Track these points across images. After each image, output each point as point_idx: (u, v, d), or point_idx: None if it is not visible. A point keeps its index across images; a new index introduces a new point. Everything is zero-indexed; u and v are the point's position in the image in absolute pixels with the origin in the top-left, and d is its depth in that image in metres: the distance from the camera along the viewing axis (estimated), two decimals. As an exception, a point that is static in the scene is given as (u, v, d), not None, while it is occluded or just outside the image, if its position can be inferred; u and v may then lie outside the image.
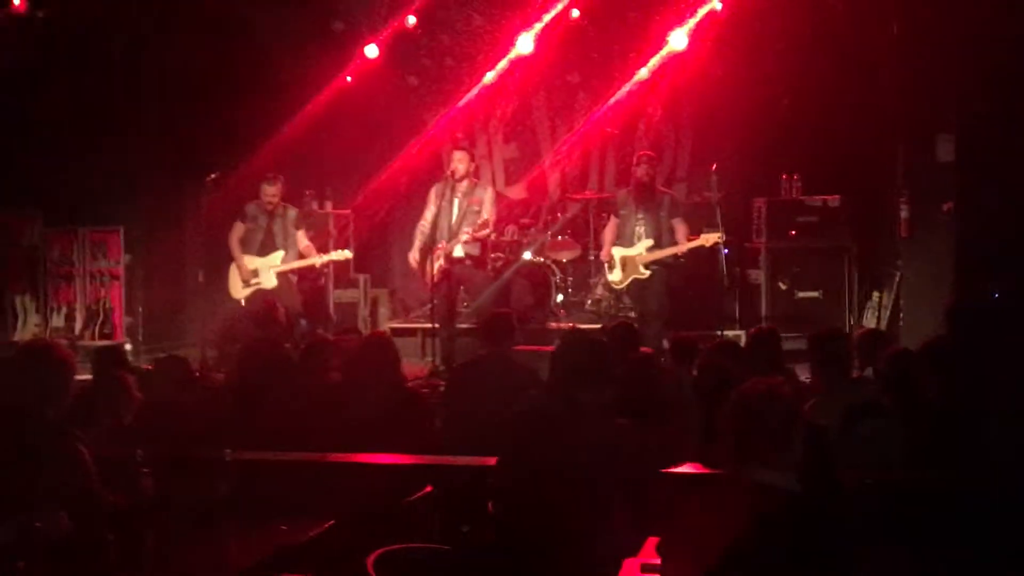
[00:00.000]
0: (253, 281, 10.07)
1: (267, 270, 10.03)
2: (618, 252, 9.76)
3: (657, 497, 4.14)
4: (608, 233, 9.96)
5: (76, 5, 10.56)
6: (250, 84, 11.36)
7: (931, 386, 5.39)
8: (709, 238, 9.60)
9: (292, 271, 10.16)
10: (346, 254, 10.40)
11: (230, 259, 10.37)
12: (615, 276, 9.87)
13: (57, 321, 11.55)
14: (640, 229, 9.70)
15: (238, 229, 10.17)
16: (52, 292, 11.61)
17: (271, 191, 10.07)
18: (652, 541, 3.75)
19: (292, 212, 10.24)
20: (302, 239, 10.16)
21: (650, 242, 9.64)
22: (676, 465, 4.79)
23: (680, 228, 9.67)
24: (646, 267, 9.64)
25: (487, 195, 9.81)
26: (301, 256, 10.09)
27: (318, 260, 10.15)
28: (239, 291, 10.14)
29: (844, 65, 10.71)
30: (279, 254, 10.05)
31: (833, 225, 10.94)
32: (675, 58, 11.21)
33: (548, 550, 3.48)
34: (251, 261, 10.07)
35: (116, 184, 11.13)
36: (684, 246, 9.58)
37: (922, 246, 10.00)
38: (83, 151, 11.05)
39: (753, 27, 10.87)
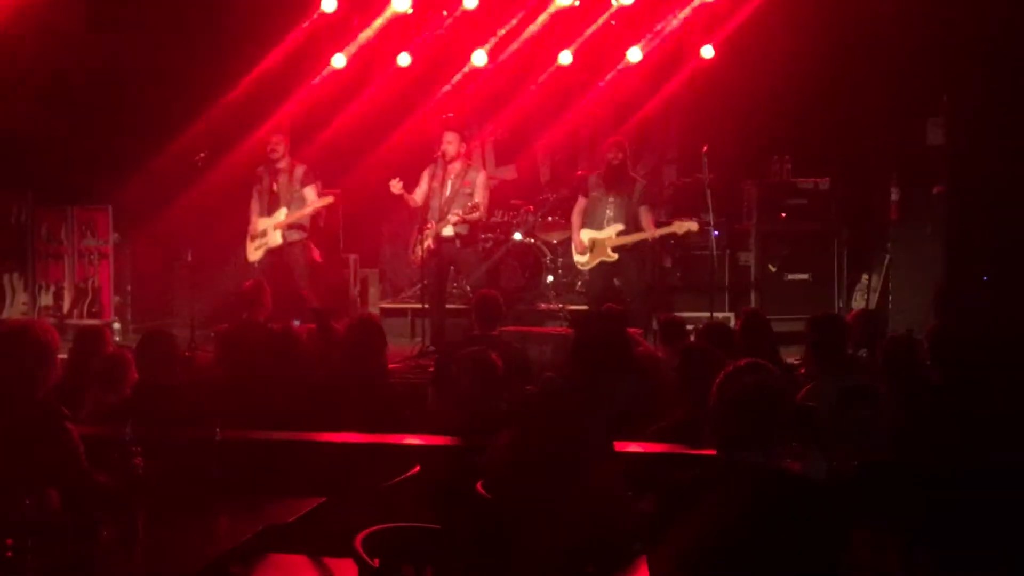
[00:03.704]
0: (260, 241, 10.09)
1: (272, 228, 10.06)
2: (587, 234, 9.77)
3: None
4: (576, 216, 9.95)
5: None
6: (241, 63, 11.30)
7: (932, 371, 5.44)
8: (682, 226, 9.60)
9: (294, 226, 10.07)
10: (328, 200, 10.27)
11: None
12: (582, 258, 9.88)
13: (45, 300, 11.52)
14: (610, 213, 9.70)
15: (254, 194, 10.22)
16: (40, 270, 11.58)
17: (274, 141, 10.09)
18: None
19: (300, 170, 10.17)
20: (310, 194, 10.10)
21: (620, 226, 9.64)
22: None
23: (646, 215, 9.68)
24: (614, 250, 9.64)
25: (479, 178, 9.80)
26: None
27: (308, 210, 10.10)
28: (252, 254, 10.19)
29: (835, 48, 10.70)
30: (282, 211, 10.03)
31: (823, 207, 10.94)
32: (667, 40, 11.20)
33: (547, 529, 3.48)
34: (261, 222, 10.12)
35: (105, 162, 11.09)
36: (655, 232, 9.59)
37: (912, 229, 10.03)
38: (72, 129, 11.00)
39: (745, 9, 10.85)
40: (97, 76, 11.00)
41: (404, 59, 11.86)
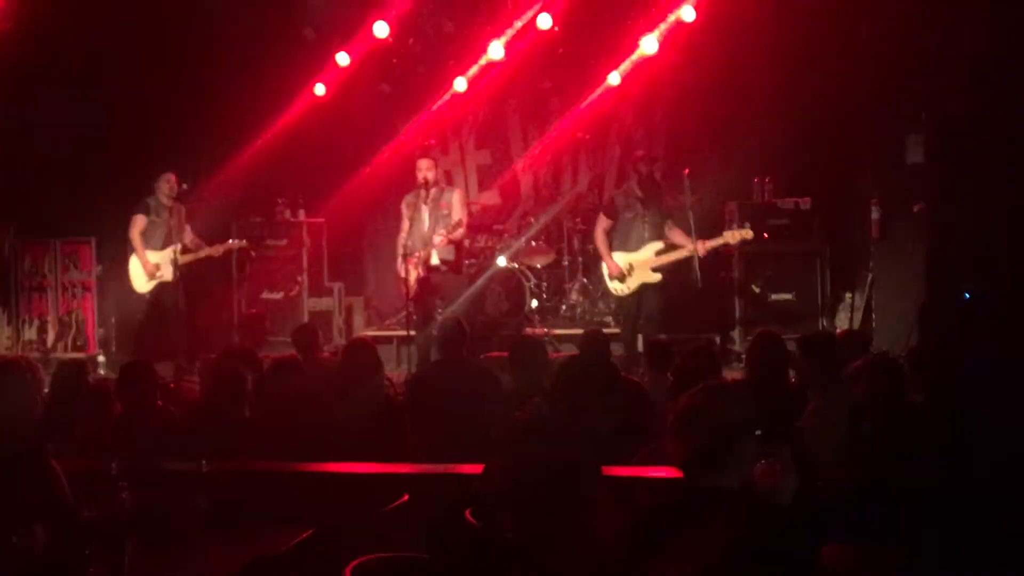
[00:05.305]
0: (157, 275, 10.27)
1: (167, 263, 10.23)
2: (624, 258, 9.65)
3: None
4: (601, 237, 9.79)
5: (43, 18, 10.49)
6: (221, 93, 11.31)
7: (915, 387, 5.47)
8: (735, 235, 9.51)
9: (191, 263, 10.35)
10: (241, 243, 10.68)
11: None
12: (621, 284, 9.74)
13: (29, 334, 11.48)
14: (646, 233, 9.60)
15: (139, 222, 10.38)
16: (24, 304, 11.53)
17: (171, 185, 10.34)
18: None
19: (183, 208, 10.48)
20: (188, 234, 10.43)
21: (658, 244, 9.55)
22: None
23: (672, 229, 9.62)
24: (655, 270, 9.56)
25: (454, 197, 9.84)
26: (188, 250, 10.33)
27: (217, 250, 10.44)
28: (143, 285, 10.33)
29: (814, 68, 10.77)
30: (176, 247, 10.23)
31: (805, 227, 10.96)
32: (647, 63, 11.24)
33: (537, 557, 3.47)
34: (152, 255, 10.29)
35: (88, 194, 11.07)
36: (709, 244, 9.43)
37: (893, 247, 10.06)
38: (54, 162, 10.99)
39: (724, 31, 10.91)
40: (77, 107, 10.99)
41: (385, 86, 11.92)
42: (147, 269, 10.25)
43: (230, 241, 10.63)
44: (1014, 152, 9.08)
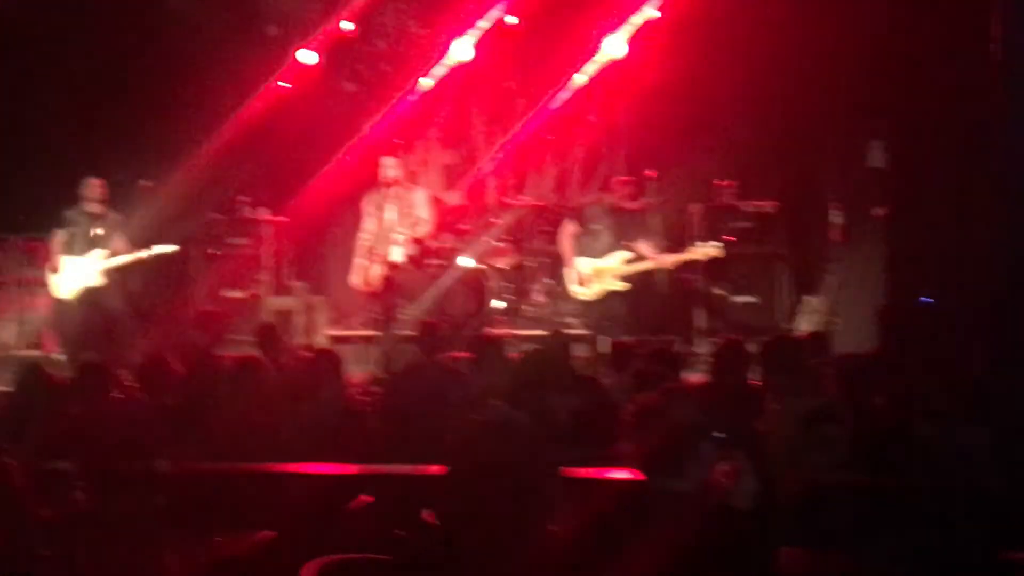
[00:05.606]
0: (80, 280, 10.08)
1: (92, 269, 10.08)
2: (589, 264, 9.68)
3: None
4: (567, 243, 9.84)
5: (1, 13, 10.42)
6: (183, 90, 11.24)
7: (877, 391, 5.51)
8: (706, 252, 9.59)
9: (118, 268, 10.17)
10: (172, 248, 10.36)
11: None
12: (585, 289, 9.78)
13: (-11, 332, 11.36)
14: (613, 242, 9.64)
15: (61, 235, 10.17)
16: (-18, 302, 11.41)
17: (93, 190, 10.13)
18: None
19: (115, 216, 10.29)
20: (119, 240, 10.19)
21: (625, 254, 9.61)
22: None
23: (643, 243, 9.67)
24: (622, 279, 9.60)
25: (419, 196, 9.84)
26: (116, 254, 10.16)
27: (144, 254, 10.18)
28: (69, 291, 10.15)
29: (778, 72, 10.83)
30: (102, 251, 10.08)
31: (768, 230, 11.03)
32: (612, 64, 11.27)
33: (498, 558, 3.47)
34: (75, 261, 10.10)
35: (47, 192, 10.96)
36: (675, 258, 9.54)
37: (855, 251, 10.15)
38: (11, 159, 10.88)
39: (690, 34, 10.96)
40: (37, 103, 10.90)
41: (349, 85, 11.88)
42: (69, 274, 10.10)
43: (153, 247, 10.28)
44: (974, 158, 9.18)
